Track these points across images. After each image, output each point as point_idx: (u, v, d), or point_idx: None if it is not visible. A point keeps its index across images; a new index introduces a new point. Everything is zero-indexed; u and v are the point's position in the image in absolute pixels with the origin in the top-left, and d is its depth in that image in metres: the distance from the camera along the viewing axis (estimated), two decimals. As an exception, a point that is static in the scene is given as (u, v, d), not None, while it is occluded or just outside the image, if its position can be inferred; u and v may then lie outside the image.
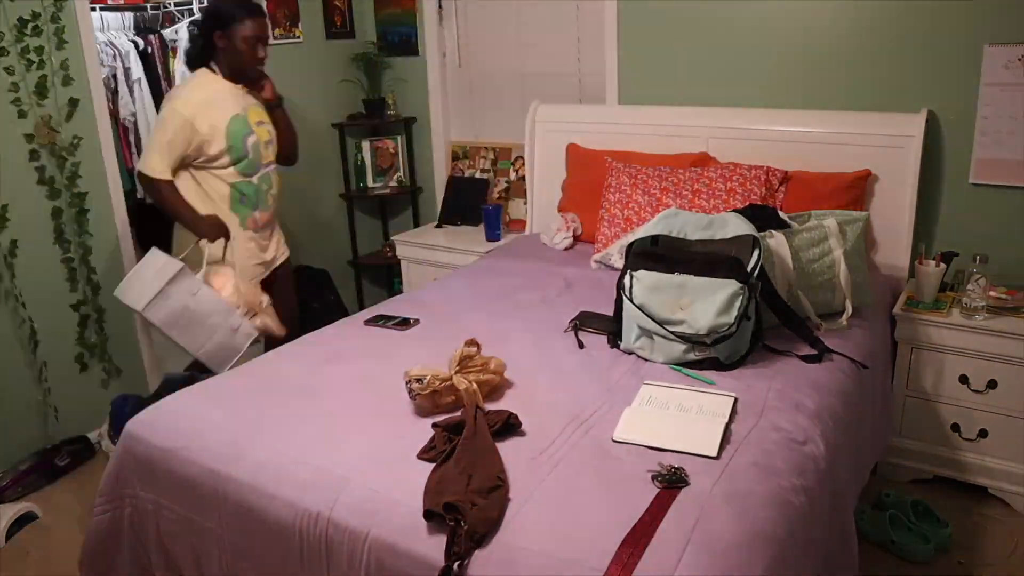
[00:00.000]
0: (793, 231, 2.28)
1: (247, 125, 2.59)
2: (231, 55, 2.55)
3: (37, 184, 2.83)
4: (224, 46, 2.54)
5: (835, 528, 1.72)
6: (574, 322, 2.28)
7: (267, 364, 2.15)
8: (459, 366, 1.80)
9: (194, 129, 2.48)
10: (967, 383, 2.47)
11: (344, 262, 4.14)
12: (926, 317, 2.47)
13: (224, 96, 2.57)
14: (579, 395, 1.86)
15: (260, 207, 2.70)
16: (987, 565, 2.25)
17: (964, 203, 2.71)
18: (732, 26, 2.98)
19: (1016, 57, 2.50)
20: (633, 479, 1.51)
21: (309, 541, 1.52)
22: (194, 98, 2.52)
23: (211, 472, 1.68)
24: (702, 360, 1.99)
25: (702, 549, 1.31)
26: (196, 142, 2.50)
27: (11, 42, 2.69)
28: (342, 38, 3.92)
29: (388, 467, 1.58)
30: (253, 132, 2.61)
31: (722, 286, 1.96)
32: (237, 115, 2.57)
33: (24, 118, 2.76)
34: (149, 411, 1.92)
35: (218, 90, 2.58)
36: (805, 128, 2.83)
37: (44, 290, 2.89)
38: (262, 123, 2.68)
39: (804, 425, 1.74)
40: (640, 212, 2.84)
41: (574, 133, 3.32)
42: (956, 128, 2.67)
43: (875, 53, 2.75)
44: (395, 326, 2.34)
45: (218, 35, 2.53)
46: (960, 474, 2.56)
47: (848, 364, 2.07)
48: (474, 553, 1.35)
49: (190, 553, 1.76)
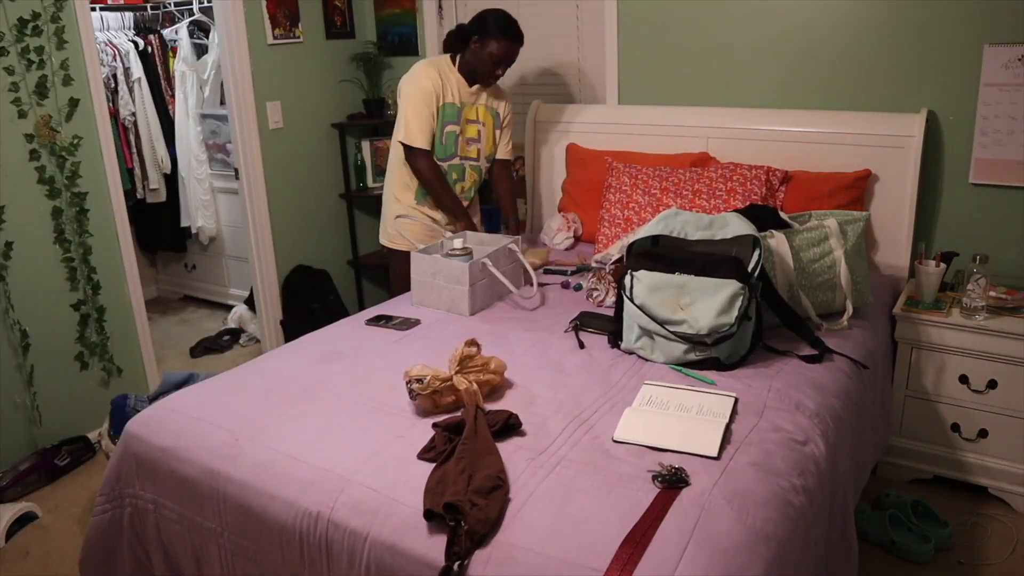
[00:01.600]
0: (793, 231, 2.28)
1: (456, 115, 2.78)
2: (475, 61, 2.75)
3: (37, 184, 2.83)
4: (475, 50, 2.73)
5: (835, 528, 1.72)
6: (574, 322, 2.28)
7: (267, 364, 2.15)
8: (459, 366, 1.80)
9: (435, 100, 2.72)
10: (967, 383, 2.47)
11: (344, 262, 4.14)
12: (926, 317, 2.47)
13: (451, 83, 2.76)
14: (579, 395, 1.86)
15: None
16: (987, 565, 2.25)
17: (964, 203, 2.71)
18: (732, 26, 2.98)
19: (1016, 57, 2.50)
20: (633, 479, 1.51)
21: (309, 541, 1.52)
22: (431, 72, 2.74)
23: (211, 472, 1.68)
24: (703, 360, 1.99)
25: (702, 549, 1.32)
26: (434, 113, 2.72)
27: (11, 42, 2.69)
28: (342, 38, 3.92)
29: (388, 467, 1.58)
30: (457, 123, 2.79)
31: (723, 286, 1.96)
32: (451, 103, 2.76)
33: (24, 118, 2.76)
34: (149, 411, 1.92)
35: (449, 77, 2.78)
36: (805, 128, 2.83)
37: (44, 290, 2.89)
38: (474, 122, 2.85)
39: (804, 425, 1.74)
40: (640, 212, 2.84)
41: (574, 133, 3.33)
42: (956, 128, 2.67)
43: (875, 53, 2.75)
44: (396, 326, 2.34)
45: (475, 39, 2.72)
46: (960, 474, 2.56)
47: (848, 364, 2.07)
48: (474, 553, 1.35)
49: (190, 553, 1.76)
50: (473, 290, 2.40)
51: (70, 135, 2.90)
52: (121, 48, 4.20)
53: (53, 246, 2.90)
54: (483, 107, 2.88)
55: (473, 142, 2.88)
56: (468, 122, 2.83)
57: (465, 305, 2.40)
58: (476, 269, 2.40)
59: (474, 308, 2.42)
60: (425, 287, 2.49)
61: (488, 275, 2.45)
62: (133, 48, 4.24)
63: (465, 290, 2.39)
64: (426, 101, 2.71)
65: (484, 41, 2.70)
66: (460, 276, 2.39)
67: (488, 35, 2.69)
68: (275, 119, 3.64)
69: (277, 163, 3.69)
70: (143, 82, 4.28)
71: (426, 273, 2.47)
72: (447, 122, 2.77)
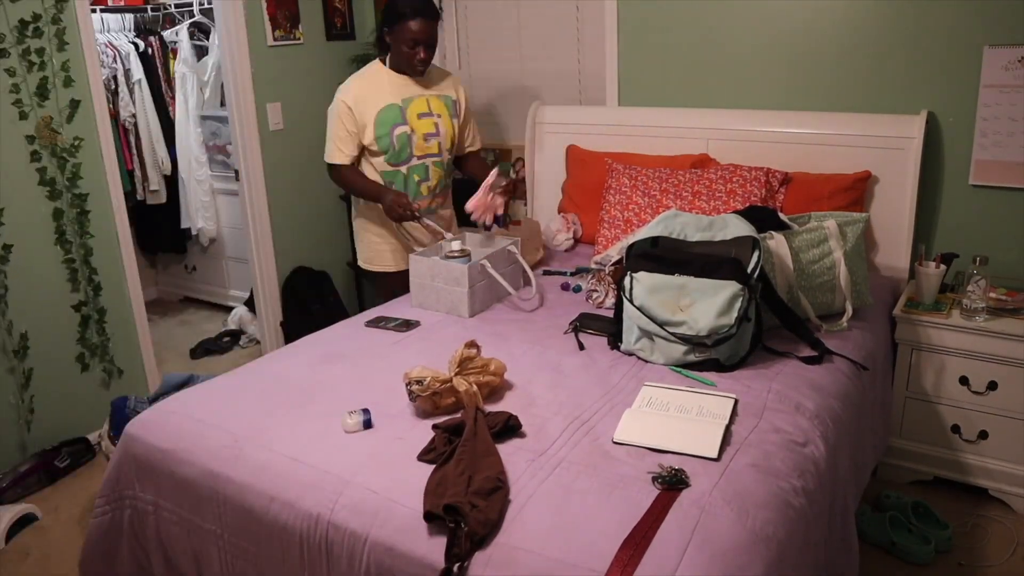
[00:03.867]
0: (793, 232, 2.28)
1: (400, 116, 2.65)
2: (396, 52, 2.63)
3: (38, 185, 2.83)
4: (392, 42, 2.62)
5: (835, 530, 1.72)
6: (574, 323, 2.28)
7: (267, 365, 2.15)
8: (459, 368, 1.80)
9: (353, 116, 2.61)
10: (967, 384, 2.47)
11: (344, 264, 4.14)
12: (926, 318, 2.47)
13: (381, 87, 2.65)
14: (579, 397, 1.86)
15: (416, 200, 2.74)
16: (987, 566, 2.25)
17: (964, 205, 2.71)
18: (733, 28, 2.99)
19: (1016, 59, 2.50)
20: (633, 480, 1.51)
21: (309, 543, 1.52)
22: (352, 88, 2.64)
23: (211, 473, 1.68)
24: (702, 361, 1.99)
25: (702, 551, 1.31)
26: (357, 129, 2.63)
27: (12, 43, 2.69)
28: (342, 39, 3.92)
29: (388, 469, 1.58)
30: (405, 123, 2.66)
31: (722, 287, 1.96)
32: (390, 105, 2.64)
33: (25, 119, 2.76)
34: (149, 412, 1.92)
35: (378, 81, 2.66)
36: (805, 130, 2.83)
37: (45, 291, 2.90)
38: (428, 115, 2.71)
39: (804, 426, 1.74)
40: (640, 213, 2.84)
41: (574, 134, 3.33)
42: (956, 130, 2.67)
43: (875, 55, 2.75)
44: (396, 328, 2.34)
45: (386, 32, 2.63)
46: (960, 475, 2.56)
47: (848, 365, 2.07)
48: (474, 555, 1.35)
49: (190, 554, 1.76)
50: (472, 292, 2.40)
51: (71, 136, 2.90)
52: (122, 50, 4.21)
53: (54, 247, 2.91)
54: (433, 97, 2.72)
55: (431, 137, 2.72)
56: (420, 117, 2.68)
57: (464, 307, 2.41)
58: (475, 271, 2.40)
59: (473, 310, 2.43)
60: (424, 289, 2.49)
61: (487, 277, 2.45)
62: (133, 50, 4.24)
63: (464, 292, 2.39)
64: (339, 117, 2.62)
65: (395, 29, 2.57)
66: (459, 278, 2.39)
67: (396, 20, 2.56)
68: (275, 120, 3.65)
69: (277, 164, 3.69)
70: (143, 84, 4.28)
71: (425, 275, 2.48)
72: (394, 125, 2.63)
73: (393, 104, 2.64)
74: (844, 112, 2.81)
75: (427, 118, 2.70)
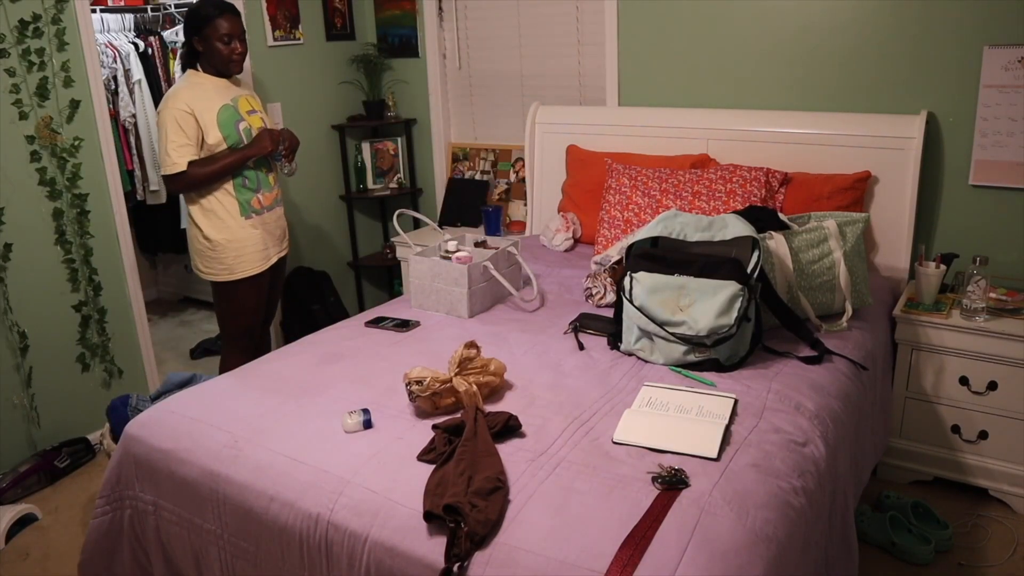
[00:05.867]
0: (793, 232, 2.28)
1: (237, 113, 2.67)
2: (212, 56, 2.63)
3: (38, 185, 2.83)
4: (203, 48, 2.62)
5: (835, 530, 1.72)
6: (574, 323, 2.28)
7: (267, 365, 2.15)
8: (459, 368, 1.81)
9: (193, 118, 2.57)
10: (967, 385, 2.47)
11: (344, 264, 4.14)
12: (926, 319, 2.47)
13: (209, 92, 2.64)
14: (579, 397, 1.86)
15: (263, 189, 2.75)
16: (987, 567, 2.25)
17: (964, 205, 2.71)
18: (732, 27, 2.99)
19: (1015, 59, 2.50)
20: (633, 480, 1.51)
21: (309, 543, 1.52)
22: (182, 95, 2.59)
23: (211, 473, 1.68)
24: (702, 361, 1.99)
25: (702, 550, 1.32)
26: (198, 132, 2.59)
27: (12, 44, 2.69)
28: (342, 40, 3.92)
29: (388, 469, 1.58)
30: (244, 119, 2.68)
31: (722, 287, 1.96)
32: (225, 105, 2.64)
33: (25, 119, 2.76)
34: (149, 412, 1.92)
35: (203, 87, 2.64)
36: (805, 130, 2.83)
37: (46, 291, 2.89)
38: (254, 112, 2.74)
39: (804, 426, 1.74)
40: (640, 214, 2.84)
41: (574, 135, 3.33)
42: (956, 130, 2.67)
43: (875, 55, 2.75)
44: (395, 328, 2.34)
45: (196, 40, 2.62)
46: (960, 476, 2.56)
47: (848, 365, 2.07)
48: (474, 554, 1.35)
49: (190, 554, 1.76)
50: (472, 292, 2.40)
51: (71, 136, 2.90)
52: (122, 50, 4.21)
53: (54, 247, 2.91)
54: (250, 96, 2.76)
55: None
56: (250, 114, 2.71)
57: (464, 307, 2.41)
58: (475, 272, 2.40)
59: (473, 310, 2.43)
60: (424, 290, 2.49)
61: (487, 277, 2.45)
62: (133, 50, 4.24)
63: (464, 292, 2.39)
64: (176, 123, 2.55)
65: (205, 32, 2.58)
66: (459, 279, 2.39)
67: (205, 23, 2.57)
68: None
69: (277, 165, 3.69)
70: (143, 84, 4.28)
71: (425, 276, 2.48)
72: (236, 121, 2.64)
73: (227, 104, 2.65)
74: (844, 112, 2.82)
75: (255, 114, 2.75)
